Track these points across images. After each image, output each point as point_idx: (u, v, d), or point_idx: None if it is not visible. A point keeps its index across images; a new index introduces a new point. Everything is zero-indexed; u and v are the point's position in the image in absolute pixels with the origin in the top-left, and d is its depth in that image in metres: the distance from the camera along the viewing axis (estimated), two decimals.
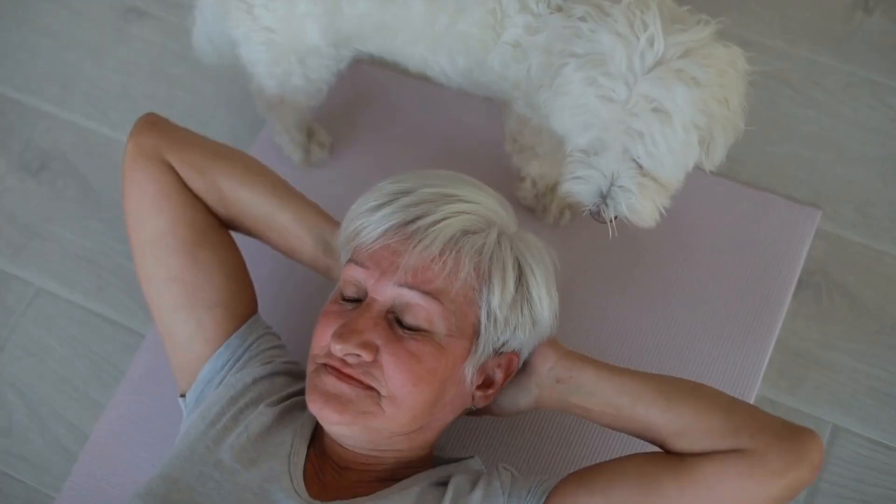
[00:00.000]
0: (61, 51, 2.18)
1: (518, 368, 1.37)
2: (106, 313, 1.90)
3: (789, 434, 1.22)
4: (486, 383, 1.36)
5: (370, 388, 1.26)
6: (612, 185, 1.34)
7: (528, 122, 1.58)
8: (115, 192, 2.00)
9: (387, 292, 1.28)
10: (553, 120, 1.35)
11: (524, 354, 1.37)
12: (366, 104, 1.96)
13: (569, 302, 1.49)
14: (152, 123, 1.50)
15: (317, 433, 1.39)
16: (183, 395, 1.48)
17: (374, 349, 1.26)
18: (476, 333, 1.30)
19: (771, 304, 1.72)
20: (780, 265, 1.75)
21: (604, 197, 1.34)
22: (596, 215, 1.36)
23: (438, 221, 1.29)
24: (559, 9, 1.41)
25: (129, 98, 2.11)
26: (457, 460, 1.41)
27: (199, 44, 1.81)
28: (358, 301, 1.32)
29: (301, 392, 1.42)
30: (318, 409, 1.27)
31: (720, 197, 1.82)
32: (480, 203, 1.34)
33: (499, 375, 1.35)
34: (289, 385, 1.44)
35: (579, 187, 1.35)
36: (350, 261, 1.34)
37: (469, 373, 1.31)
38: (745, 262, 1.75)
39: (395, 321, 1.29)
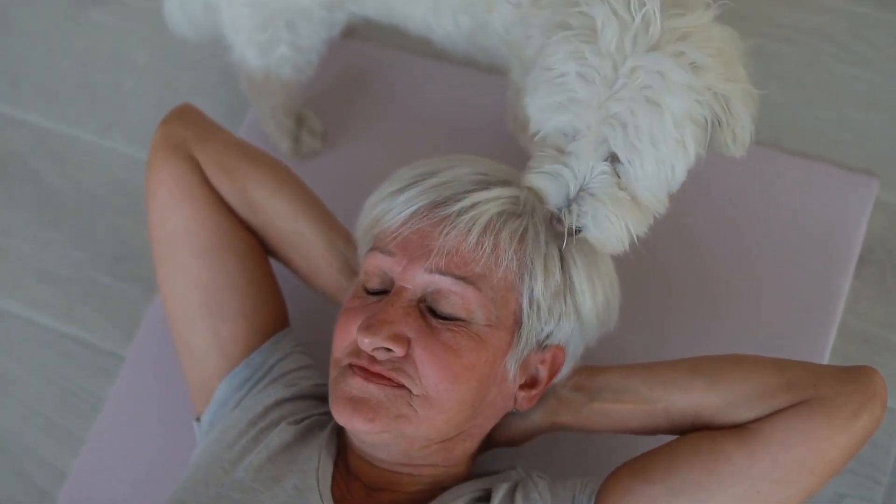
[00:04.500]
0: (9, 42, 2.16)
1: (563, 367, 1.36)
2: (78, 334, 1.88)
3: (851, 376, 1.24)
4: (530, 383, 1.35)
5: (401, 386, 1.25)
6: (581, 189, 1.29)
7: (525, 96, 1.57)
8: (81, 197, 1.97)
9: (417, 279, 1.27)
10: (529, 98, 1.32)
11: (570, 350, 1.36)
12: (360, 87, 1.94)
13: None
14: (185, 114, 1.54)
15: (342, 452, 1.37)
16: (198, 419, 1.48)
17: (406, 342, 1.24)
18: (518, 323, 1.29)
19: (829, 285, 1.70)
20: (836, 242, 1.73)
21: (569, 202, 1.30)
22: (555, 222, 1.32)
23: (474, 206, 1.29)
24: None
25: (90, 91, 2.09)
26: (498, 471, 1.39)
27: (171, 14, 1.79)
28: (383, 293, 1.31)
29: (326, 412, 1.41)
30: (347, 418, 1.25)
31: (764, 168, 1.80)
32: (521, 188, 1.33)
33: (543, 373, 1.35)
34: (315, 408, 1.42)
35: (545, 183, 1.31)
36: (372, 249, 1.33)
37: (512, 368, 1.30)
38: (797, 240, 1.73)
39: (427, 311, 1.27)
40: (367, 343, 1.24)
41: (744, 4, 2.00)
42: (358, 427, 1.25)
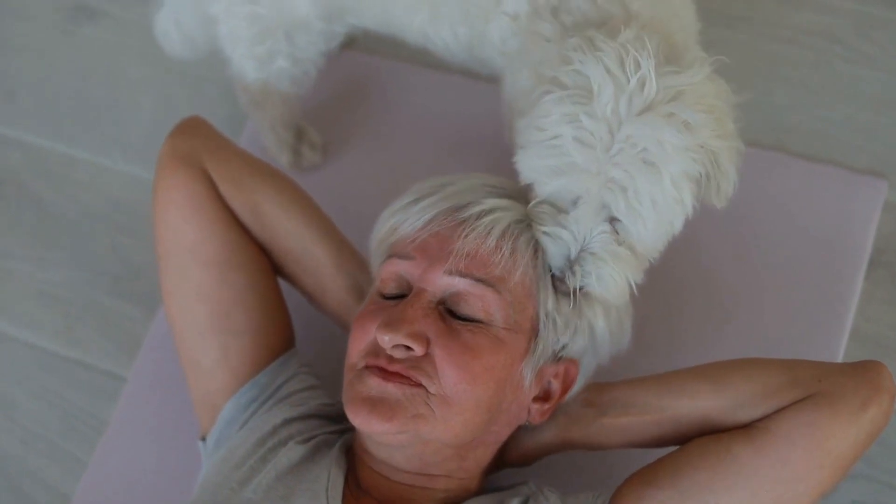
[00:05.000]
0: (3, 60, 2.16)
1: (575, 381, 1.37)
2: (78, 356, 1.88)
3: (857, 370, 1.25)
4: (543, 396, 1.35)
5: (419, 385, 1.25)
6: (582, 249, 1.30)
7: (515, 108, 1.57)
8: (79, 217, 1.97)
9: (437, 282, 1.29)
10: (521, 157, 1.31)
11: (583, 366, 1.37)
12: (360, 99, 1.94)
13: None
14: (195, 126, 1.54)
15: (352, 469, 1.37)
16: (203, 439, 1.47)
17: (425, 341, 1.25)
18: (535, 331, 1.31)
19: (840, 289, 1.70)
20: (845, 245, 1.73)
21: (571, 263, 1.30)
22: (558, 282, 1.33)
23: (493, 210, 1.31)
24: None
25: (86, 108, 2.09)
26: (509, 486, 1.39)
27: (163, 30, 1.79)
28: (400, 297, 1.31)
29: (335, 431, 1.42)
30: (364, 419, 1.25)
31: (771, 172, 1.80)
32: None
33: (556, 386, 1.35)
34: (322, 427, 1.43)
35: (547, 243, 1.32)
36: (389, 257, 1.34)
37: (528, 376, 1.31)
38: (806, 244, 1.73)
39: (446, 312, 1.28)
40: (386, 340, 1.24)
41: (749, 6, 2.00)
42: (375, 428, 1.25)
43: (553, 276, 1.32)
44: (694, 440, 1.29)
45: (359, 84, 1.95)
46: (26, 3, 2.20)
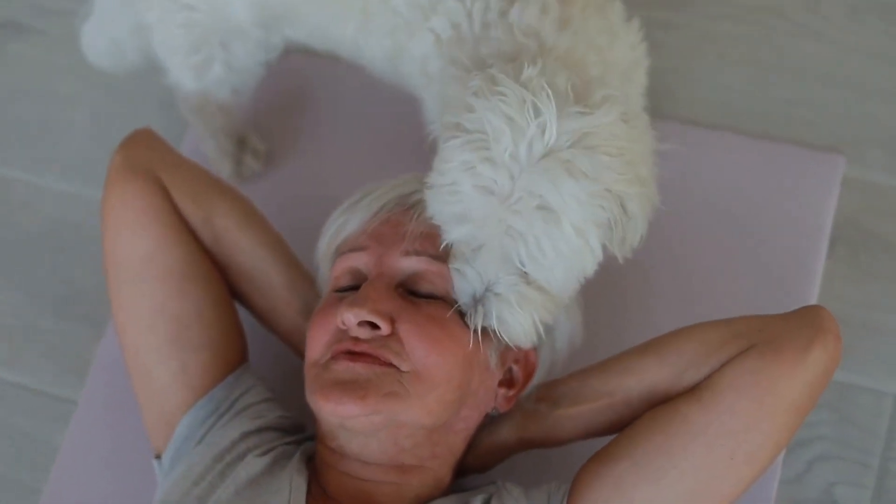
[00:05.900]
0: None
1: (536, 368, 1.40)
2: (25, 382, 1.86)
3: (796, 315, 1.29)
4: (508, 382, 1.38)
5: (388, 363, 1.26)
6: (487, 289, 1.29)
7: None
8: (17, 238, 1.96)
9: (395, 265, 1.32)
10: (428, 198, 1.31)
11: (542, 356, 1.41)
12: (304, 104, 1.93)
13: None
14: (148, 137, 1.54)
15: (316, 476, 1.37)
16: (158, 457, 1.46)
17: (390, 320, 1.27)
18: None
19: (802, 269, 1.71)
20: (805, 224, 1.74)
21: (475, 302, 1.30)
22: (464, 317, 1.32)
23: None
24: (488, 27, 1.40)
25: (17, 128, 2.07)
26: (475, 487, 1.40)
27: (90, 45, 1.78)
28: (356, 288, 1.32)
29: (293, 442, 1.42)
30: (335, 403, 1.25)
31: (725, 154, 1.81)
32: None
33: (518, 373, 1.38)
34: (281, 439, 1.43)
35: (455, 279, 1.32)
36: (341, 253, 1.36)
37: (492, 357, 1.34)
38: (765, 226, 1.74)
39: (406, 294, 1.31)
40: (351, 318, 1.26)
41: None
42: (349, 410, 1.25)
43: (459, 311, 1.32)
44: (646, 413, 1.31)
45: (303, 89, 1.94)
46: None
